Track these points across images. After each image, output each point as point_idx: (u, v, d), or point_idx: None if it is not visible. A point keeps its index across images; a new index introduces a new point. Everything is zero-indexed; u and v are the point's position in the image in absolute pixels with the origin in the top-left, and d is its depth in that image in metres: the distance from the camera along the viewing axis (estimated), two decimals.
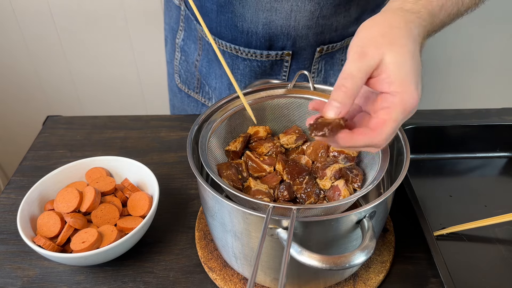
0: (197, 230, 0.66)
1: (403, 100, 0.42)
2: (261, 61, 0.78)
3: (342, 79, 0.42)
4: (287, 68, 0.79)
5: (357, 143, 0.43)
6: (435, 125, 0.77)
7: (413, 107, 0.43)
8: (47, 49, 1.38)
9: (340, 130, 0.43)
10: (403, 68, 0.42)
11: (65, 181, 0.67)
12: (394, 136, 0.45)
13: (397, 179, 0.50)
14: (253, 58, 0.78)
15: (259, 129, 0.63)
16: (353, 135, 0.43)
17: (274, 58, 0.77)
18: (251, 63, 0.79)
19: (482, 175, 0.76)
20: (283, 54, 0.76)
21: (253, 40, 0.75)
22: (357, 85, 0.42)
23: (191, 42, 0.87)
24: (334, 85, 0.43)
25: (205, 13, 0.76)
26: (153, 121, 0.90)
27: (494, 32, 1.38)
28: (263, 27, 0.73)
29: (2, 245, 0.65)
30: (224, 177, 0.56)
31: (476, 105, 0.99)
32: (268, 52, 0.76)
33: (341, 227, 0.48)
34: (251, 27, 0.73)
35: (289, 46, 0.76)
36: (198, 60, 0.87)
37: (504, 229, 0.65)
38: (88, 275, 0.61)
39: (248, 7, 0.71)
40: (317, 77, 0.83)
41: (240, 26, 0.74)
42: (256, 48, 0.76)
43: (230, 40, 0.77)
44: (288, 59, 0.77)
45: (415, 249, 0.63)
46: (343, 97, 0.42)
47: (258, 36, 0.74)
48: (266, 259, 0.52)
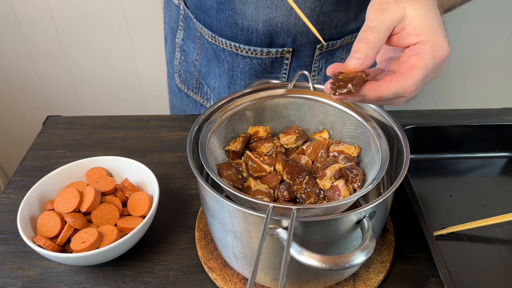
0: (197, 230, 0.66)
1: (434, 47, 0.41)
2: (261, 59, 0.78)
3: (363, 31, 0.41)
4: (287, 66, 0.79)
5: (386, 92, 0.41)
6: (435, 125, 0.77)
7: (444, 57, 0.42)
8: (47, 49, 1.38)
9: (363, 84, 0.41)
10: (428, 18, 0.41)
11: (65, 181, 0.67)
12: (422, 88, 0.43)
13: (397, 179, 0.50)
14: (253, 56, 0.78)
15: (259, 129, 0.63)
16: (381, 83, 0.41)
17: (274, 55, 0.77)
18: (251, 61, 0.79)
19: (482, 175, 0.76)
20: (284, 51, 0.76)
21: (253, 38, 0.75)
22: (380, 38, 0.41)
23: (190, 42, 0.87)
24: None
25: (205, 11, 0.76)
26: (153, 121, 0.90)
27: (494, 32, 1.38)
28: (264, 24, 0.73)
29: (2, 245, 0.65)
30: (224, 177, 0.56)
31: (476, 105, 0.99)
32: (269, 49, 0.76)
33: (341, 227, 0.48)
34: (252, 24, 0.73)
35: (290, 43, 0.76)
36: (197, 60, 0.87)
37: (504, 229, 0.65)
38: (88, 275, 0.61)
39: (249, 4, 0.71)
40: (317, 76, 0.83)
41: (240, 23, 0.74)
42: (257, 46, 0.76)
43: (230, 38, 0.77)
44: (289, 56, 0.77)
45: (415, 249, 0.63)
46: (366, 48, 0.41)
47: (258, 33, 0.74)
48: (266, 259, 0.52)
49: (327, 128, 0.64)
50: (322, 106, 0.62)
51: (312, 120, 0.64)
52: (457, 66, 1.46)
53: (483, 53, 1.44)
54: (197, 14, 0.80)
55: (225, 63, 0.81)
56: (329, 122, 0.63)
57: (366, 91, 0.41)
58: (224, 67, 0.82)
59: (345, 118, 0.61)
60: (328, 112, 0.62)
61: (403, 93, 0.42)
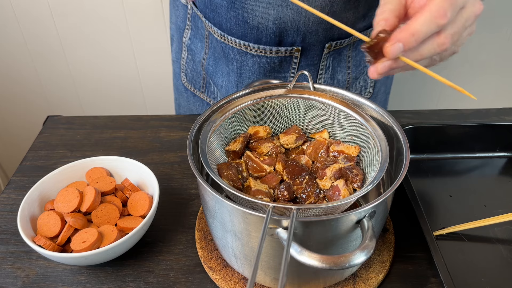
0: (197, 230, 0.66)
1: None
2: (271, 58, 0.78)
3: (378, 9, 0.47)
4: (296, 64, 0.80)
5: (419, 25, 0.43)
6: (435, 125, 0.77)
7: None
8: (47, 49, 1.38)
9: None
10: None
11: (65, 181, 0.68)
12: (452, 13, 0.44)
13: (397, 179, 0.50)
14: (262, 55, 0.78)
15: (259, 129, 0.63)
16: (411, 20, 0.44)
17: (283, 54, 0.78)
18: (260, 60, 0.79)
19: (481, 175, 0.76)
20: (293, 50, 0.77)
21: (263, 36, 0.76)
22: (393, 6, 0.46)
23: (198, 41, 0.88)
24: None
25: (215, 9, 0.77)
26: (153, 121, 0.90)
27: (494, 32, 1.39)
28: (274, 22, 0.73)
29: (2, 245, 0.65)
30: (224, 177, 0.56)
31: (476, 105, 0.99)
32: (278, 48, 0.77)
33: (341, 227, 0.48)
34: (262, 23, 0.73)
35: (299, 41, 0.76)
36: (204, 59, 0.87)
37: (504, 229, 0.65)
38: (88, 275, 0.61)
39: (259, 3, 0.71)
40: (325, 74, 0.83)
41: (250, 22, 0.74)
42: (266, 44, 0.77)
43: (239, 37, 0.77)
44: (298, 55, 0.78)
45: (415, 249, 0.63)
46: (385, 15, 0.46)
47: (268, 32, 0.75)
48: (266, 259, 0.52)
49: (327, 128, 0.64)
50: (322, 106, 0.62)
51: (312, 120, 0.64)
52: (457, 66, 1.46)
53: (483, 53, 1.44)
54: (206, 13, 0.80)
55: (234, 61, 0.82)
56: (329, 122, 0.63)
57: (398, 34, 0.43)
58: (233, 65, 0.82)
59: (345, 118, 0.61)
60: (328, 112, 0.62)
61: (436, 21, 0.43)
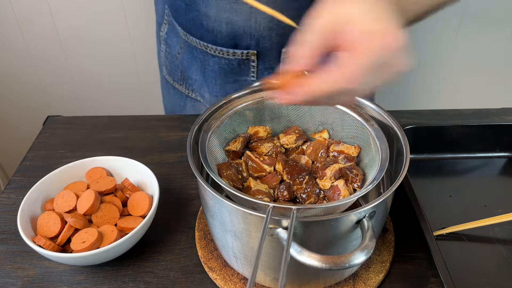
0: (197, 230, 0.66)
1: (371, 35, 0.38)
2: (229, 59, 0.79)
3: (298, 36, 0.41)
4: (254, 68, 0.80)
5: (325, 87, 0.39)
6: (435, 125, 0.77)
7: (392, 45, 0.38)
8: (47, 49, 1.38)
9: None
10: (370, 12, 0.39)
11: (65, 181, 0.68)
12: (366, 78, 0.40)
13: (397, 179, 0.50)
14: (221, 56, 0.79)
15: (259, 129, 0.63)
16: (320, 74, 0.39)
17: (240, 57, 0.78)
18: (219, 60, 0.80)
19: (481, 175, 0.76)
20: (249, 53, 0.77)
21: (218, 39, 0.77)
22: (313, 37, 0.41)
23: (174, 36, 0.89)
24: None
25: (177, 10, 0.79)
26: (153, 121, 0.90)
27: (493, 32, 1.39)
28: (227, 26, 0.74)
29: (2, 245, 0.65)
30: (224, 177, 0.56)
31: (476, 105, 0.99)
32: (234, 50, 0.78)
33: (341, 227, 0.48)
34: (215, 26, 0.75)
35: (254, 46, 0.77)
36: (179, 53, 0.88)
37: (504, 229, 0.65)
38: (88, 275, 0.61)
39: (211, 7, 0.73)
40: None
41: (205, 25, 0.76)
42: (223, 46, 0.78)
43: (199, 37, 0.79)
44: (254, 58, 0.78)
45: (415, 249, 0.63)
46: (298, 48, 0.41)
47: (222, 35, 0.76)
48: (266, 259, 0.52)
49: (327, 128, 0.64)
50: (322, 106, 0.62)
51: (312, 120, 0.64)
52: (457, 66, 1.46)
53: (482, 53, 1.44)
54: (172, 13, 0.83)
55: (198, 60, 0.84)
56: (329, 122, 0.63)
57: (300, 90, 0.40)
58: (198, 64, 0.84)
59: (345, 118, 0.61)
60: (328, 112, 0.62)
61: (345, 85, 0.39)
